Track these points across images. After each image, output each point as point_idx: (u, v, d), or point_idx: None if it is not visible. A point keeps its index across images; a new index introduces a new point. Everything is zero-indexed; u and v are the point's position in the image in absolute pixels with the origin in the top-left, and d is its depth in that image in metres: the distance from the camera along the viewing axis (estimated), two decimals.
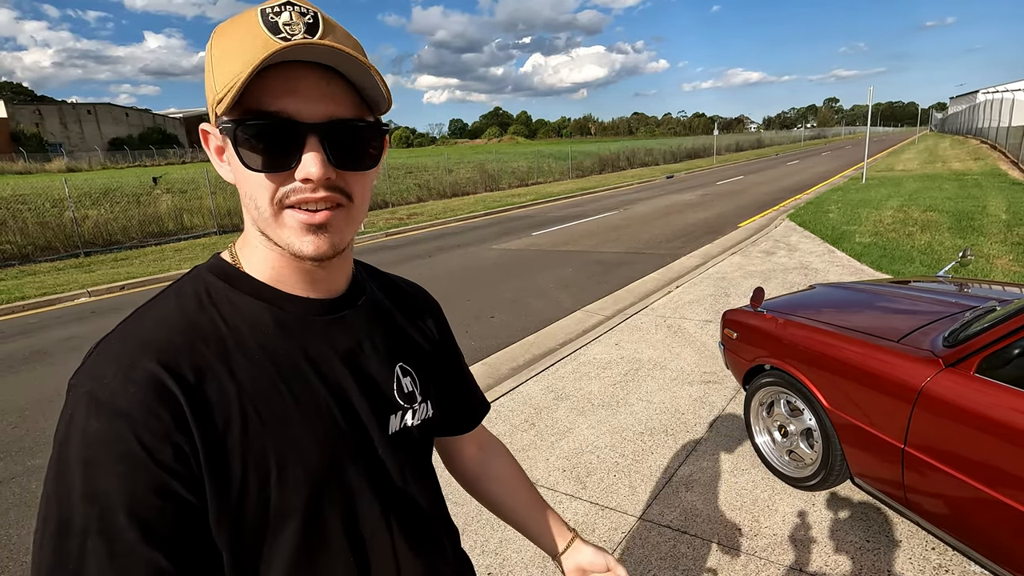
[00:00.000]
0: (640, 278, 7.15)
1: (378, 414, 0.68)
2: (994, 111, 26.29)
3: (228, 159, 0.60)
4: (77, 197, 13.82)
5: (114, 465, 0.50)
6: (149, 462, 0.51)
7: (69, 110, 54.78)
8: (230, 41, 0.56)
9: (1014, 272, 5.91)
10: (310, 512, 0.60)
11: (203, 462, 0.54)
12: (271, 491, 0.57)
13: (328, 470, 0.61)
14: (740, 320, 2.97)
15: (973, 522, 1.84)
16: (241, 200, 0.61)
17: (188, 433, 0.53)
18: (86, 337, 6.17)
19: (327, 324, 0.65)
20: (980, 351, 1.84)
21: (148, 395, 0.52)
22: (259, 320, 0.61)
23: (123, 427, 0.51)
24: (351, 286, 0.70)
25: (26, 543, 2.75)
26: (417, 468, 0.74)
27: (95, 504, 0.50)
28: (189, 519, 0.53)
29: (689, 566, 2.24)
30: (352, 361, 0.66)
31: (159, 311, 0.60)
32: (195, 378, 0.55)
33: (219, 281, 0.63)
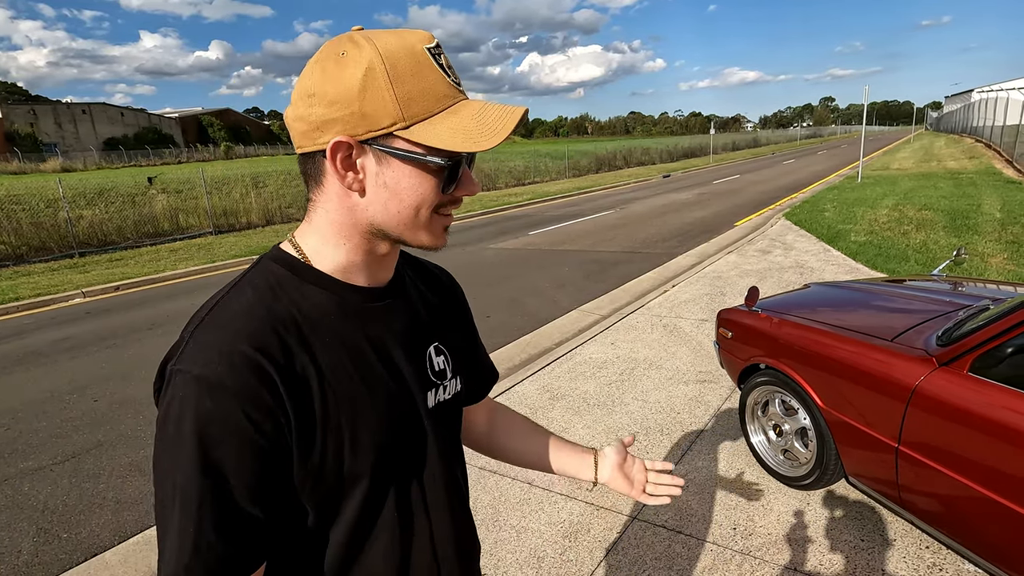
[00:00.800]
0: (636, 277, 7.15)
1: (422, 391, 0.76)
2: (988, 110, 26.41)
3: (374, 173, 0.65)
4: (72, 197, 13.74)
5: (228, 438, 0.58)
6: (255, 434, 0.59)
7: (64, 110, 54.54)
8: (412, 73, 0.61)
9: (1008, 271, 5.93)
10: (375, 476, 0.69)
11: (294, 432, 0.62)
12: (345, 457, 0.66)
13: (389, 438, 0.70)
14: (735, 319, 2.97)
15: (967, 520, 1.84)
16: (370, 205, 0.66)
17: (284, 408, 0.61)
18: (81, 338, 6.14)
19: (380, 309, 0.74)
20: (973, 350, 1.85)
21: (251, 376, 0.59)
22: (325, 307, 0.68)
23: (233, 405, 0.58)
24: (395, 274, 0.78)
25: (17, 546, 2.73)
26: (450, 441, 0.83)
27: (211, 474, 0.58)
28: (285, 482, 0.63)
29: (684, 566, 2.23)
30: (399, 343, 0.74)
31: (240, 301, 0.65)
32: (284, 360, 0.62)
33: (286, 272, 0.69)
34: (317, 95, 0.61)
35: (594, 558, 2.32)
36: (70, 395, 4.53)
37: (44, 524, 2.88)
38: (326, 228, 0.69)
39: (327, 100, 0.61)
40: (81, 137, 53.14)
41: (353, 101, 0.61)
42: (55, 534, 2.81)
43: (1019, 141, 16.55)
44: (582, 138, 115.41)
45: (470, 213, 15.41)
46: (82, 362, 5.30)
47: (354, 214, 0.67)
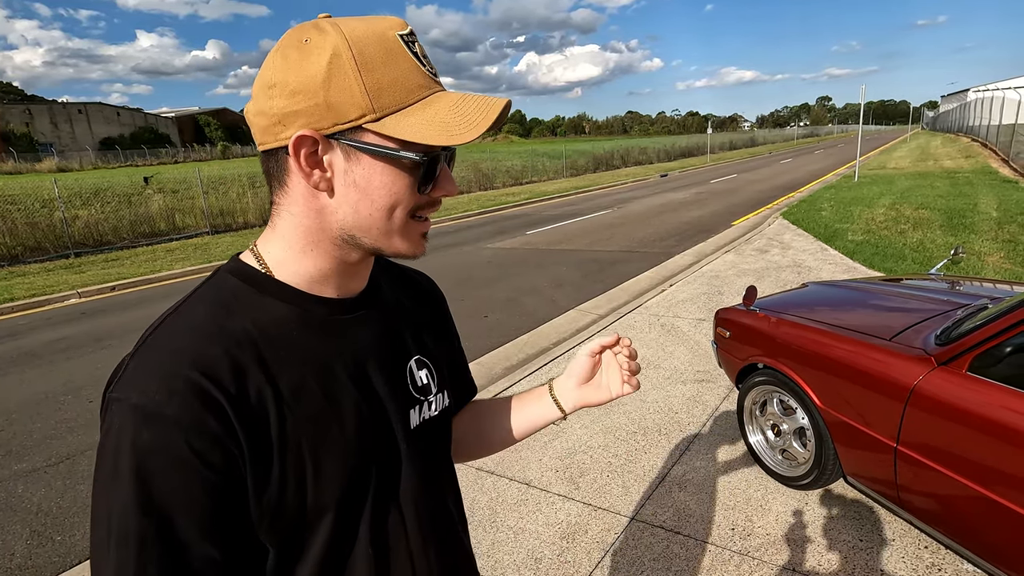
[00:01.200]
0: (634, 277, 7.14)
1: (401, 409, 0.70)
2: (985, 109, 26.50)
3: (342, 171, 0.59)
4: (67, 197, 13.68)
5: (170, 472, 0.52)
6: (201, 467, 0.53)
7: (60, 109, 54.33)
8: (383, 61, 0.57)
9: (1005, 269, 5.93)
10: (342, 508, 0.62)
11: (248, 463, 0.56)
12: (308, 488, 0.59)
13: (359, 467, 0.64)
14: (733, 319, 2.97)
15: (966, 520, 1.84)
16: (340, 206, 0.60)
17: (235, 436, 0.55)
18: (76, 339, 6.11)
19: (349, 323, 0.67)
20: (972, 349, 1.84)
21: (194, 403, 0.54)
22: (286, 322, 0.62)
23: (174, 435, 0.53)
24: (369, 284, 0.72)
25: (10, 548, 2.71)
26: (437, 461, 0.76)
27: (153, 512, 0.52)
28: (240, 518, 0.56)
29: (682, 567, 2.22)
30: (374, 358, 0.68)
31: (189, 319, 0.60)
32: (235, 383, 0.56)
33: (244, 285, 0.63)
34: (278, 86, 0.56)
35: (592, 559, 2.31)
36: (65, 396, 4.50)
37: (37, 527, 2.86)
38: (291, 234, 0.63)
39: (289, 90, 0.56)
40: (77, 137, 52.93)
41: (317, 91, 0.55)
42: (49, 536, 2.79)
43: (1015, 140, 16.60)
44: (580, 138, 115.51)
45: (467, 213, 15.39)
46: (77, 363, 5.26)
47: (322, 217, 0.61)
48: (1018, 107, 16.56)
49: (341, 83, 0.55)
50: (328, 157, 0.59)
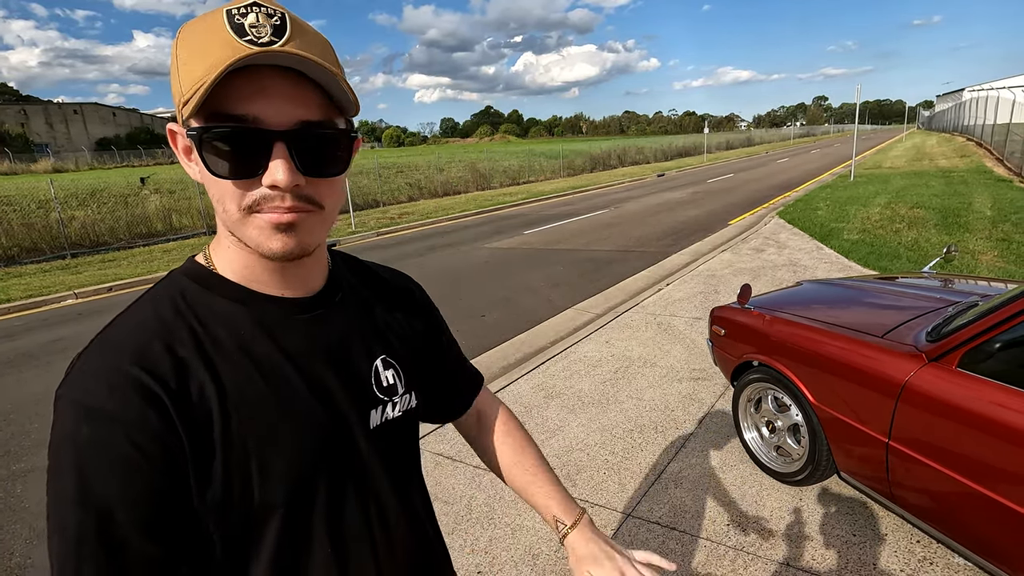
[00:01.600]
0: (631, 276, 7.17)
1: (359, 409, 0.69)
2: (980, 109, 26.61)
3: (196, 160, 0.59)
4: (63, 198, 13.66)
5: (108, 468, 0.52)
6: (142, 461, 0.53)
7: (55, 110, 54.15)
8: (195, 42, 0.55)
9: (998, 268, 5.98)
10: (292, 507, 0.61)
11: (189, 459, 0.55)
12: (254, 487, 0.58)
13: (309, 466, 0.63)
14: (728, 317, 2.99)
15: (957, 515, 1.86)
16: (211, 201, 0.61)
17: (175, 432, 0.54)
18: (73, 339, 6.10)
19: (305, 323, 0.66)
20: (962, 345, 1.86)
21: (134, 398, 0.53)
22: (236, 321, 0.62)
23: (114, 430, 0.52)
24: (329, 283, 0.71)
25: (9, 548, 2.72)
26: (400, 462, 0.75)
27: (91, 509, 0.51)
28: (182, 514, 0.55)
29: (678, 562, 2.24)
30: (331, 358, 0.67)
31: (136, 317, 0.61)
32: (176, 379, 0.56)
33: (193, 284, 0.63)
34: None
35: None
36: None
37: (37, 526, 2.87)
38: (221, 230, 0.63)
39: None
40: (73, 137, 52.76)
41: (174, 87, 0.56)
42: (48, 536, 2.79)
43: (1010, 139, 16.68)
44: (577, 138, 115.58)
45: (464, 212, 15.40)
46: None
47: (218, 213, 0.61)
48: (1012, 106, 16.67)
49: (172, 73, 0.56)
50: (194, 151, 0.58)
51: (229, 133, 0.54)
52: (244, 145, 0.55)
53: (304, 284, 0.67)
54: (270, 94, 0.55)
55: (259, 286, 0.64)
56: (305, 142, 0.57)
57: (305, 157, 0.57)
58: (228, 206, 0.58)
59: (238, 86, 0.54)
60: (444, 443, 3.25)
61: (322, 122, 0.58)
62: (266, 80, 0.55)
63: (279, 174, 0.55)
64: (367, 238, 12.65)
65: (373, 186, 18.78)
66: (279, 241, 0.58)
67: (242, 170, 0.56)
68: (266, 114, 0.55)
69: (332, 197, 0.62)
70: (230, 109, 0.54)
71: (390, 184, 20.36)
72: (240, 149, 0.55)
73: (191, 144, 0.58)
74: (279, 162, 0.55)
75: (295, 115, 0.56)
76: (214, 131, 0.54)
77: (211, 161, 0.56)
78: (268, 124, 0.55)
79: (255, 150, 0.55)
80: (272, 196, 0.56)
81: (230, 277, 0.64)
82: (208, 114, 0.54)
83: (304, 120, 0.56)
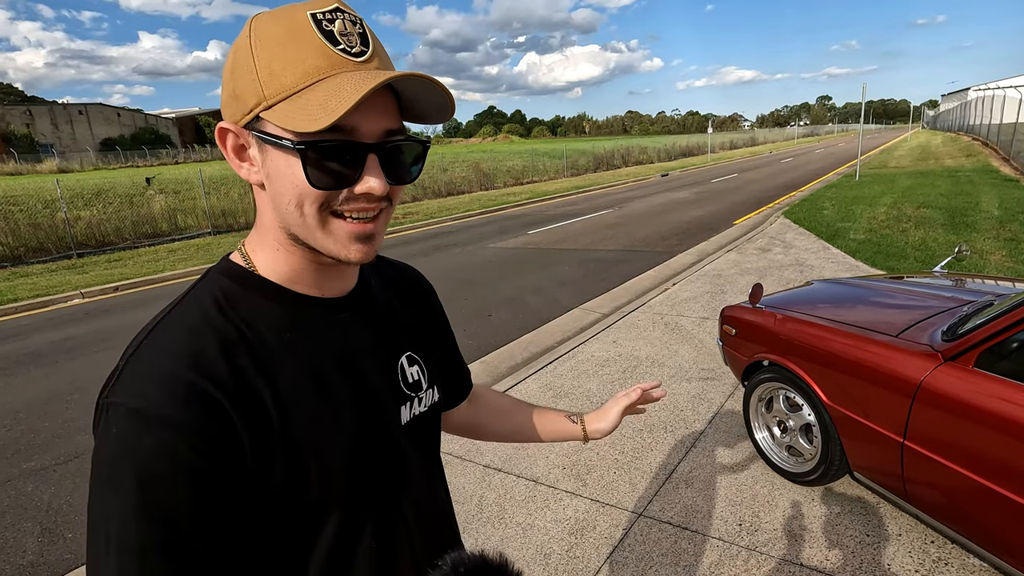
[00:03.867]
0: (637, 276, 7.15)
1: (395, 405, 0.70)
2: (985, 108, 26.48)
3: (259, 161, 0.59)
4: (69, 198, 13.72)
5: (174, 478, 0.51)
6: (207, 470, 0.52)
7: (60, 110, 54.33)
8: (280, 43, 0.54)
9: (1007, 267, 5.95)
10: (349, 502, 0.63)
11: (252, 464, 0.55)
12: (312, 486, 0.59)
13: (361, 462, 0.64)
14: (739, 316, 2.98)
15: (973, 514, 1.85)
16: (270, 201, 0.60)
17: (238, 438, 0.54)
18: (80, 339, 6.12)
19: (341, 323, 0.67)
20: (979, 345, 1.85)
21: (196, 406, 0.53)
22: (280, 323, 0.62)
23: (178, 440, 0.51)
24: (359, 282, 0.72)
25: (22, 546, 2.73)
26: (429, 455, 0.78)
27: (156, 519, 0.51)
28: (246, 520, 0.56)
29: (691, 562, 2.24)
30: (366, 357, 0.68)
31: (184, 320, 0.59)
32: (234, 384, 0.56)
33: (234, 285, 0.63)
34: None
35: (600, 554, 2.33)
36: (71, 396, 4.52)
37: (48, 524, 2.88)
38: (263, 231, 0.63)
39: (222, 87, 0.58)
40: (77, 138, 52.94)
41: (229, 82, 0.56)
42: (59, 534, 2.80)
43: (1016, 139, 16.60)
44: (580, 137, 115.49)
45: (469, 212, 15.41)
46: (83, 362, 5.28)
47: (271, 213, 0.61)
48: (1019, 106, 16.56)
49: (243, 72, 0.55)
50: (251, 150, 0.59)
51: (335, 146, 0.54)
52: (345, 157, 0.56)
53: (340, 284, 0.68)
54: (367, 107, 0.54)
55: (301, 287, 0.64)
56: (392, 153, 0.58)
57: (391, 166, 0.58)
58: (308, 209, 0.57)
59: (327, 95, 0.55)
60: (452, 442, 3.24)
61: (399, 129, 0.59)
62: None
63: (374, 182, 0.57)
64: None
65: None
66: (358, 251, 0.59)
67: (341, 180, 0.56)
68: (360, 125, 0.55)
69: (399, 197, 0.64)
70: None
71: None
72: (341, 160, 0.55)
73: (255, 146, 0.58)
74: (374, 170, 0.57)
75: (384, 125, 0.57)
76: (321, 145, 0.54)
77: (312, 173, 0.55)
78: (362, 135, 0.56)
79: (353, 162, 0.56)
80: (359, 198, 0.57)
81: (271, 278, 0.63)
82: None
83: (388, 129, 0.58)
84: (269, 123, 0.55)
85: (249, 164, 0.60)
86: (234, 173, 6.98)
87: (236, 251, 0.66)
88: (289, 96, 0.53)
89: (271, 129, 0.55)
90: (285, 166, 0.56)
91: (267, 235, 0.63)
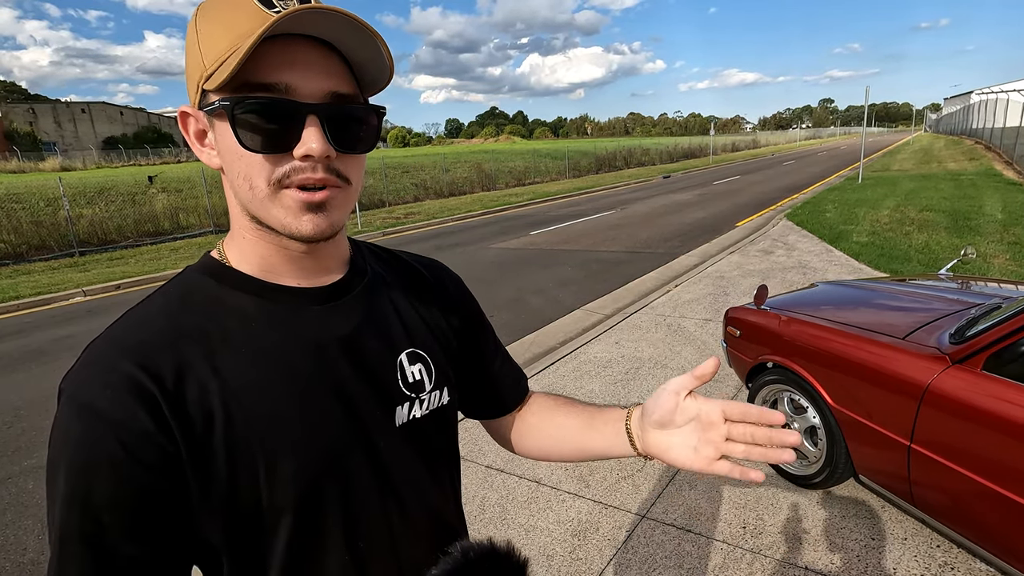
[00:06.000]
0: (639, 277, 7.14)
1: (383, 405, 0.65)
2: (988, 112, 26.45)
3: (214, 142, 0.57)
4: (72, 196, 13.73)
5: (96, 468, 0.50)
6: (130, 462, 0.50)
7: (63, 109, 54.46)
8: (218, 16, 0.53)
9: (1011, 271, 5.93)
10: (304, 509, 0.58)
11: (186, 460, 0.53)
12: (261, 488, 0.55)
13: (323, 465, 0.59)
14: (743, 318, 2.97)
15: (980, 518, 1.84)
16: (229, 184, 0.58)
17: (169, 433, 0.52)
18: (81, 337, 6.12)
19: (321, 313, 0.63)
20: (987, 348, 1.84)
21: (126, 397, 0.51)
22: (246, 314, 0.59)
23: (103, 429, 0.50)
24: (349, 272, 0.68)
25: (22, 544, 2.72)
26: (429, 461, 0.70)
27: (76, 507, 0.50)
28: (176, 517, 0.53)
29: (694, 564, 2.23)
30: (351, 351, 0.63)
31: (143, 313, 0.59)
32: (174, 378, 0.54)
33: (206, 278, 0.61)
34: None
35: (604, 556, 2.31)
36: None
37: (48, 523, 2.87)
38: (233, 222, 0.61)
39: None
40: (80, 136, 53.06)
41: (186, 68, 0.56)
42: None
43: (1019, 143, 16.57)
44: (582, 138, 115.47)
45: (471, 213, 15.42)
46: None
47: (234, 199, 0.59)
48: (1022, 110, 16.55)
49: (191, 50, 0.55)
50: (210, 134, 0.57)
51: (265, 103, 0.52)
52: (278, 116, 0.53)
53: (321, 274, 0.64)
54: (301, 65, 0.53)
55: (274, 277, 0.62)
56: (337, 116, 0.55)
57: (337, 132, 0.55)
58: (256, 182, 0.55)
59: (269, 57, 0.52)
60: None
61: (350, 95, 0.57)
62: (297, 51, 0.53)
63: (313, 143, 0.53)
64: (373, 238, 12.66)
65: (379, 186, 18.81)
66: (309, 222, 0.56)
67: (277, 142, 0.53)
68: (297, 84, 0.53)
69: (358, 173, 0.60)
70: (261, 79, 0.52)
71: (396, 184, 20.40)
72: (274, 120, 0.53)
73: (210, 124, 0.56)
74: (313, 131, 0.53)
75: (326, 86, 0.54)
76: (248, 101, 0.52)
77: (243, 135, 0.53)
78: (300, 95, 0.53)
79: (289, 122, 0.53)
80: (303, 167, 0.54)
81: (244, 270, 0.61)
82: (237, 87, 0.52)
83: (335, 92, 0.55)
84: (211, 94, 0.53)
85: (209, 148, 0.58)
86: None
87: (215, 248, 0.65)
88: (223, 63, 0.51)
89: (211, 99, 0.53)
90: (229, 137, 0.54)
91: (235, 225, 0.61)
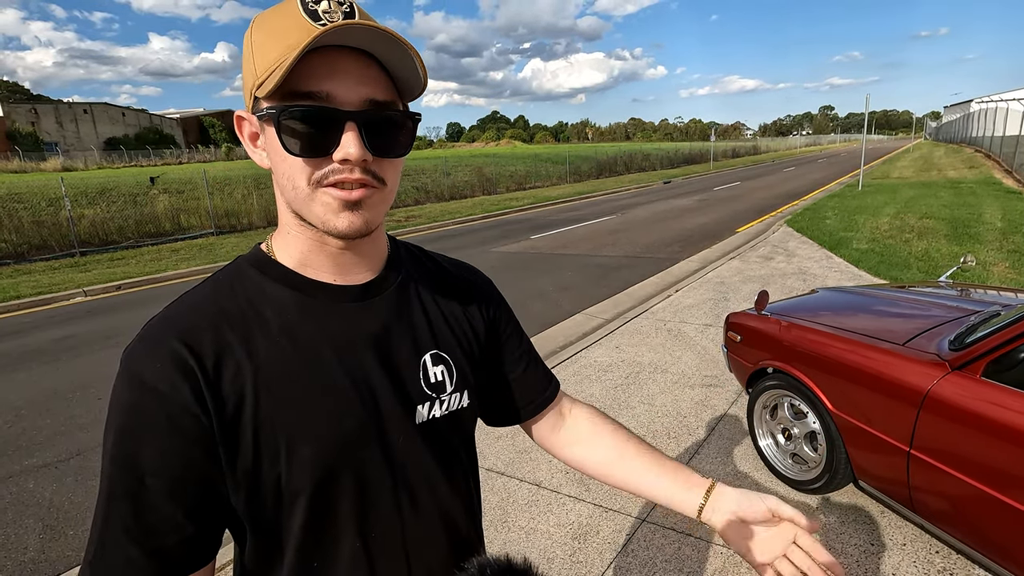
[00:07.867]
0: (639, 282, 7.16)
1: (404, 403, 0.67)
2: (988, 120, 26.53)
3: (264, 144, 0.63)
4: (73, 196, 13.74)
5: (141, 434, 0.56)
6: (171, 430, 0.56)
7: (65, 109, 54.52)
8: (270, 28, 0.58)
9: (1010, 279, 5.95)
10: (318, 493, 0.62)
11: (218, 435, 0.58)
12: (281, 468, 0.60)
13: (339, 454, 0.62)
14: (744, 323, 2.98)
15: (980, 524, 1.84)
16: (277, 183, 0.63)
17: (204, 406, 0.57)
18: (82, 337, 6.13)
19: (354, 310, 0.67)
20: (987, 354, 1.85)
21: (171, 370, 0.57)
22: (284, 305, 0.64)
23: (149, 398, 0.56)
24: (384, 270, 0.71)
25: (23, 542, 2.72)
26: (445, 462, 0.72)
27: (123, 467, 0.56)
28: (209, 485, 0.59)
29: (694, 568, 2.23)
30: (378, 348, 0.67)
31: (194, 297, 0.65)
32: (214, 357, 0.59)
33: (252, 269, 0.66)
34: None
35: (604, 559, 2.32)
36: (73, 393, 4.52)
37: (50, 521, 2.87)
38: (280, 218, 0.66)
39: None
40: (82, 136, 53.13)
41: (242, 72, 0.61)
42: (61, 531, 2.80)
43: (1019, 151, 16.62)
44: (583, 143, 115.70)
45: (471, 217, 15.43)
46: (85, 360, 5.28)
47: (280, 196, 0.64)
48: (1021, 118, 16.59)
49: (246, 60, 0.60)
50: (262, 136, 0.62)
51: (305, 110, 0.57)
52: (319, 122, 0.57)
53: (358, 270, 0.68)
54: (341, 74, 0.57)
55: (313, 272, 0.66)
56: (374, 122, 0.59)
57: (373, 137, 0.59)
58: (298, 182, 0.59)
59: (312, 67, 0.56)
60: None
61: (388, 103, 0.60)
62: (339, 61, 0.57)
63: (351, 147, 0.57)
64: None
65: None
66: (345, 219, 0.60)
67: (316, 147, 0.58)
68: (338, 92, 0.57)
69: (394, 176, 0.64)
70: (304, 88, 0.57)
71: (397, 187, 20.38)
72: (315, 126, 0.57)
73: (262, 128, 0.62)
74: (351, 136, 0.57)
75: (364, 94, 0.58)
76: (291, 109, 0.56)
77: (287, 140, 0.58)
78: (339, 103, 0.57)
79: (328, 128, 0.57)
80: (340, 169, 0.59)
81: (286, 263, 0.66)
82: (284, 94, 0.57)
83: (372, 99, 0.59)
84: (262, 101, 0.59)
85: (261, 150, 0.64)
86: (238, 174, 7.07)
87: (265, 241, 0.70)
88: (271, 72, 0.55)
89: (263, 106, 0.58)
90: (275, 141, 0.59)
91: (282, 220, 0.67)
